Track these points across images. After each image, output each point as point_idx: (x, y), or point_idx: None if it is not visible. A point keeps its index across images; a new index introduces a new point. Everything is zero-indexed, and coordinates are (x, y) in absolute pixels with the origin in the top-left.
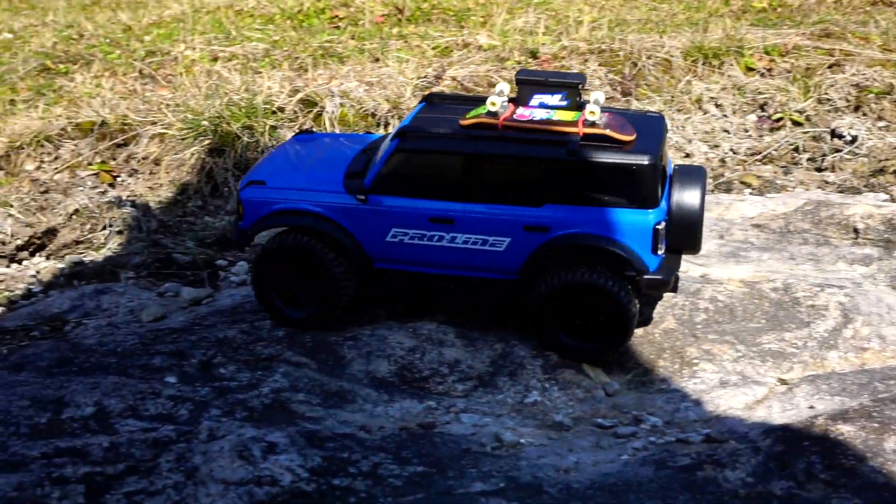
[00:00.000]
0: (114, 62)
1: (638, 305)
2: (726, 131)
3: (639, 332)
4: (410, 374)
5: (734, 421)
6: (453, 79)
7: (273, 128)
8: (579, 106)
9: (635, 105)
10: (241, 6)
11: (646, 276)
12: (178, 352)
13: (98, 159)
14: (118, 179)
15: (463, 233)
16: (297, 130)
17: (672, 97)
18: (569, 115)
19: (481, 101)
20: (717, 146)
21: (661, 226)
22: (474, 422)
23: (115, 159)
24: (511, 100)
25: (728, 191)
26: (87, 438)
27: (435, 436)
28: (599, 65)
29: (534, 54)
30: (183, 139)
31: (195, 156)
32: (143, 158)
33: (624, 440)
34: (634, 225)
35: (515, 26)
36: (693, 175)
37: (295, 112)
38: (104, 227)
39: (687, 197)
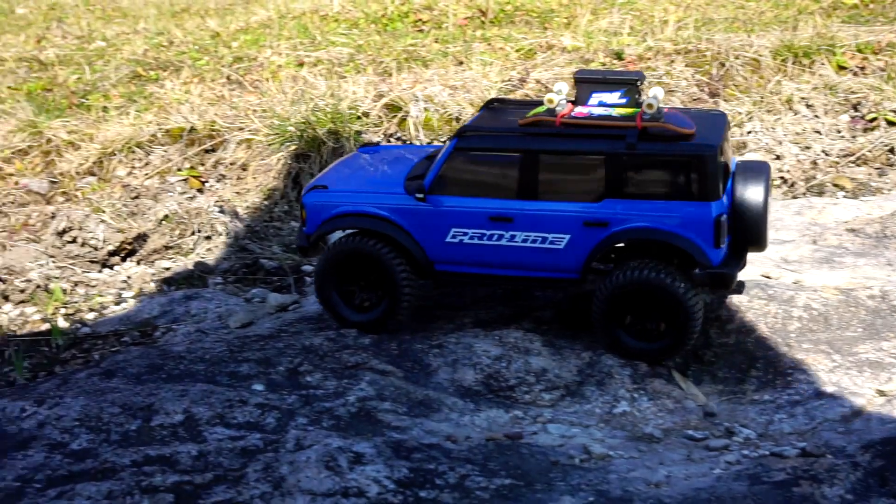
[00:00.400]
0: (202, 68)
1: (702, 304)
2: (818, 132)
3: (730, 340)
4: (497, 383)
5: (831, 434)
6: (537, 81)
7: (358, 133)
8: (638, 103)
9: (723, 106)
10: (325, 11)
11: (708, 271)
12: (265, 359)
13: (187, 165)
14: (206, 185)
15: (522, 231)
16: (362, 143)
17: (761, 98)
18: (628, 112)
19: (542, 104)
20: (808, 147)
21: (724, 218)
22: (562, 432)
23: (203, 165)
24: (570, 101)
25: (820, 194)
26: (176, 446)
27: (522, 447)
28: (686, 65)
29: (619, 55)
30: (269, 145)
31: (281, 161)
32: (231, 164)
33: (716, 453)
34: (695, 217)
35: (600, 27)
36: (756, 170)
37: (379, 117)
38: (193, 233)
39: (750, 192)
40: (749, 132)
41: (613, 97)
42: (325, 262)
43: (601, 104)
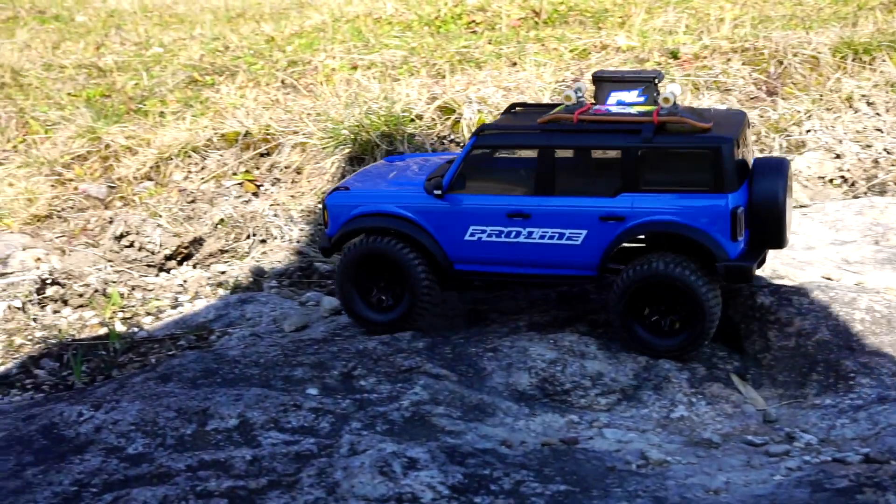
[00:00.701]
0: (257, 73)
1: (720, 299)
2: (879, 130)
3: (790, 343)
4: (552, 387)
5: (895, 440)
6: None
7: (411, 135)
8: (657, 101)
9: (782, 105)
10: (379, 14)
11: (726, 264)
12: (319, 363)
13: (242, 169)
14: (261, 189)
15: (539, 227)
16: (388, 153)
17: (821, 96)
18: (646, 109)
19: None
20: (869, 146)
21: (740, 210)
22: (618, 437)
23: (258, 168)
24: (590, 102)
25: (882, 193)
26: (230, 451)
27: (578, 452)
28: (743, 64)
29: (674, 55)
30: (323, 148)
31: (335, 164)
32: (286, 167)
33: (776, 459)
34: (711, 209)
35: (654, 26)
36: (774, 166)
37: (433, 119)
38: (248, 237)
39: (767, 187)
40: (808, 131)
41: (632, 96)
42: (345, 262)
43: (620, 103)
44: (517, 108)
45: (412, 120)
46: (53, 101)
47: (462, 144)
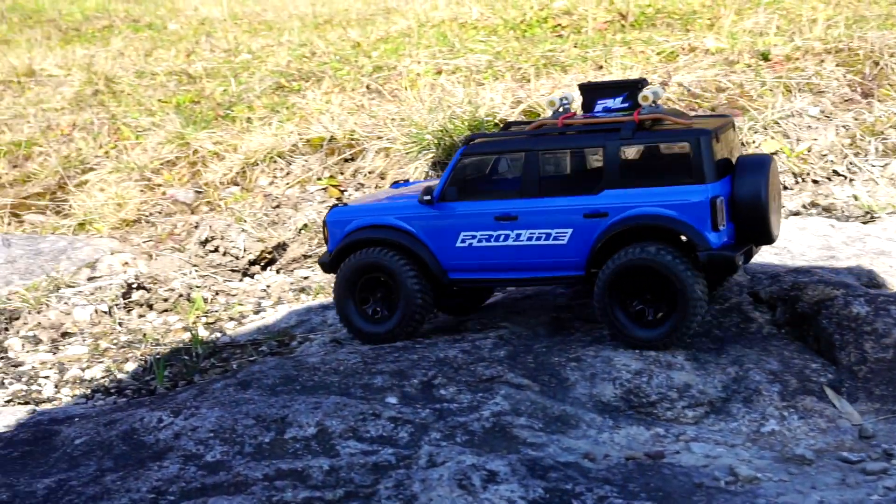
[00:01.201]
0: (343, 78)
1: (704, 287)
2: None
3: (887, 355)
4: (637, 399)
5: None
6: (679, 85)
7: None
8: (641, 106)
9: (878, 107)
10: (464, 19)
11: (707, 252)
12: (398, 371)
13: (326, 174)
14: (345, 194)
15: (527, 228)
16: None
17: None
18: (649, 99)
19: None
20: None
21: (720, 200)
22: (706, 452)
23: (342, 174)
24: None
25: None
26: (308, 460)
27: (664, 467)
28: (837, 65)
29: (765, 56)
30: (407, 153)
31: (419, 169)
32: (370, 172)
33: (874, 478)
34: (691, 200)
35: (744, 27)
36: (757, 163)
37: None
38: None
39: (750, 183)
40: None
41: (617, 102)
42: (341, 275)
43: (606, 109)
44: (512, 127)
45: (496, 124)
46: (144, 108)
47: None
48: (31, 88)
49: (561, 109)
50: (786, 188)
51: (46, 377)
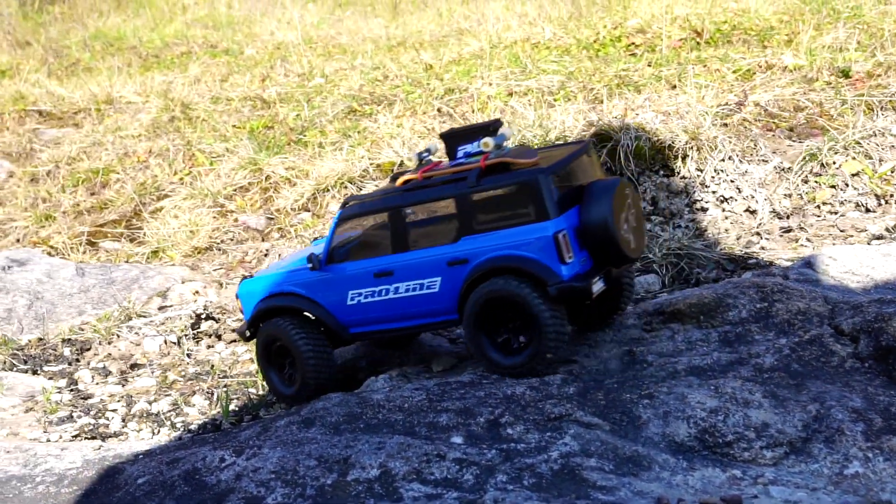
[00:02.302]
0: (414, 101)
1: (559, 317)
2: None
3: None
4: (712, 439)
5: None
6: (756, 104)
7: None
8: (500, 146)
9: None
10: (537, 39)
11: (556, 285)
12: (464, 409)
13: None
14: None
15: (402, 281)
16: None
17: None
18: (490, 146)
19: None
20: None
21: (563, 234)
22: (785, 496)
23: None
24: (439, 160)
25: None
26: None
27: None
28: None
29: (845, 73)
30: None
31: None
32: None
33: None
34: (536, 237)
35: (823, 43)
36: (603, 188)
37: None
38: None
39: (596, 209)
40: None
41: (475, 147)
42: (258, 343)
43: (466, 154)
44: (398, 176)
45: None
46: (219, 134)
47: (618, 172)
48: (109, 116)
49: (424, 162)
50: (868, 210)
51: (114, 410)
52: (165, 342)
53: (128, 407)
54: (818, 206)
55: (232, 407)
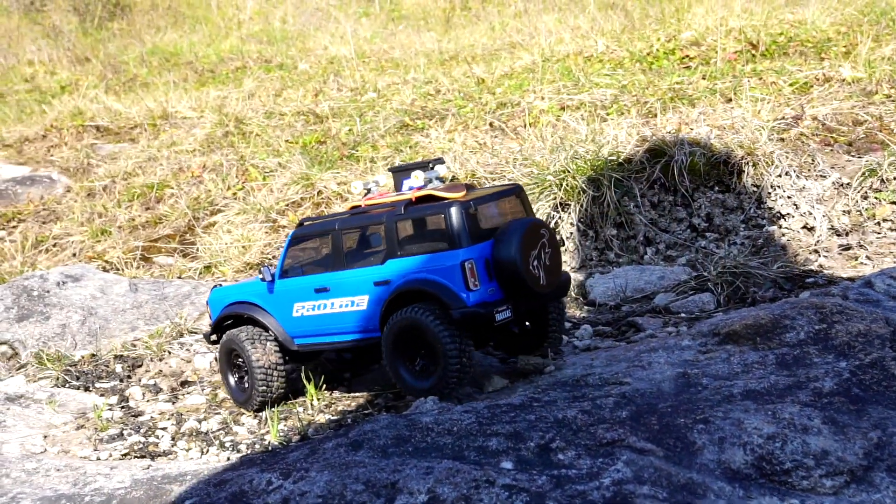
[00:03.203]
0: (466, 116)
1: (462, 343)
2: None
3: None
4: (770, 466)
5: None
6: (814, 118)
7: (619, 181)
8: (441, 180)
9: None
10: (590, 52)
11: (459, 310)
12: (515, 433)
13: None
14: None
15: (337, 297)
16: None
17: None
18: (420, 181)
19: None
20: None
21: (469, 264)
22: None
23: None
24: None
25: None
26: None
27: None
28: None
29: None
30: (529, 194)
31: (541, 211)
32: None
33: None
34: (446, 265)
35: (883, 55)
36: (514, 228)
37: (642, 163)
38: None
39: (504, 245)
40: None
41: (416, 181)
42: (219, 351)
43: (410, 188)
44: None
45: (620, 164)
46: (272, 149)
47: (672, 189)
48: (165, 131)
49: (373, 190)
50: None
51: (164, 429)
52: (216, 359)
53: (177, 425)
54: (878, 223)
55: (280, 426)
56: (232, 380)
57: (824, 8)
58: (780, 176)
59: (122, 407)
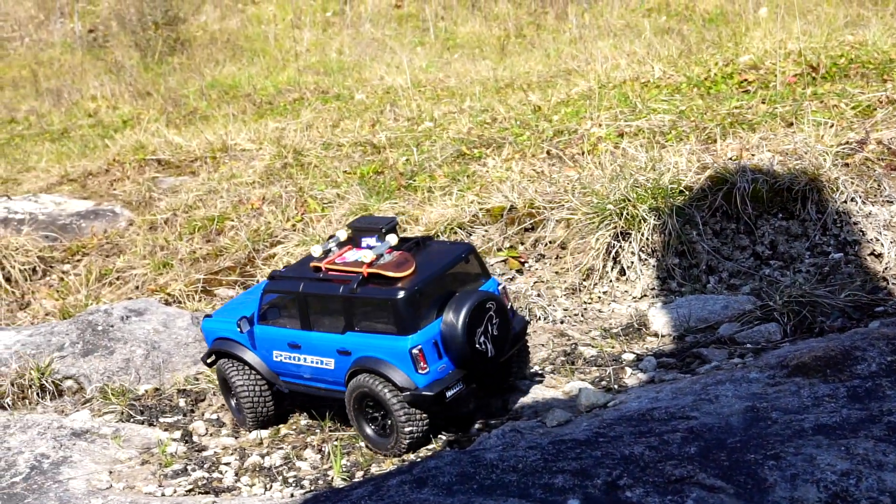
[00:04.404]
0: (523, 144)
1: (412, 414)
2: None
3: None
4: None
5: None
6: (878, 142)
7: (680, 209)
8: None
9: None
10: (646, 78)
11: (409, 392)
12: (581, 470)
13: (507, 245)
14: (525, 265)
15: (308, 354)
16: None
17: None
18: (369, 257)
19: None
20: None
21: (417, 350)
22: None
23: (523, 244)
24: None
25: None
26: None
27: None
28: None
29: None
30: (589, 223)
31: (600, 241)
32: (550, 242)
33: None
34: (395, 349)
35: None
36: (463, 299)
37: (704, 190)
38: None
39: (450, 319)
40: None
41: (373, 241)
42: (218, 378)
43: (368, 247)
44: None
45: (681, 191)
46: (330, 180)
47: (735, 216)
48: (224, 163)
49: (333, 248)
50: None
51: (227, 464)
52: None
53: (241, 460)
54: None
55: (343, 462)
56: (231, 402)
57: (886, 28)
58: (845, 202)
59: (186, 442)
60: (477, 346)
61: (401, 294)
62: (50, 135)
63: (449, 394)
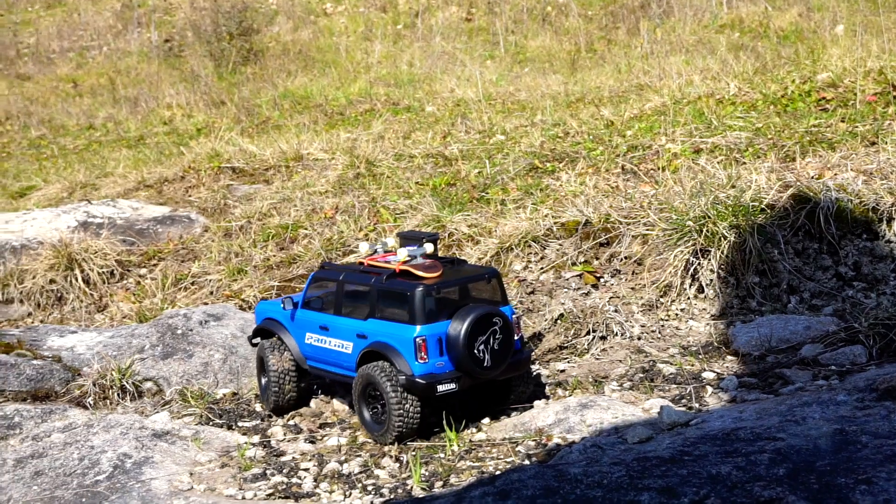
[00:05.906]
0: (597, 159)
1: (407, 402)
2: None
3: None
4: None
5: None
6: None
7: (761, 227)
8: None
9: None
10: (721, 94)
11: (405, 377)
12: (667, 488)
13: (581, 259)
14: (601, 280)
15: (334, 337)
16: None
17: None
18: (404, 257)
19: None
20: None
21: (421, 339)
22: None
23: (597, 259)
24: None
25: None
26: None
27: None
28: None
29: None
30: (667, 239)
31: (678, 257)
32: (626, 258)
33: None
34: (403, 336)
35: None
36: (474, 308)
37: (786, 209)
38: (588, 332)
39: (455, 326)
40: None
41: (414, 248)
42: (256, 358)
43: (410, 254)
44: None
45: (762, 210)
46: (402, 190)
47: (817, 236)
48: (298, 173)
49: (379, 250)
50: None
51: (306, 469)
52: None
53: (319, 466)
54: None
55: (422, 471)
56: (262, 381)
57: None
58: None
59: (264, 446)
60: (475, 351)
61: (420, 288)
62: (127, 141)
63: (440, 388)
